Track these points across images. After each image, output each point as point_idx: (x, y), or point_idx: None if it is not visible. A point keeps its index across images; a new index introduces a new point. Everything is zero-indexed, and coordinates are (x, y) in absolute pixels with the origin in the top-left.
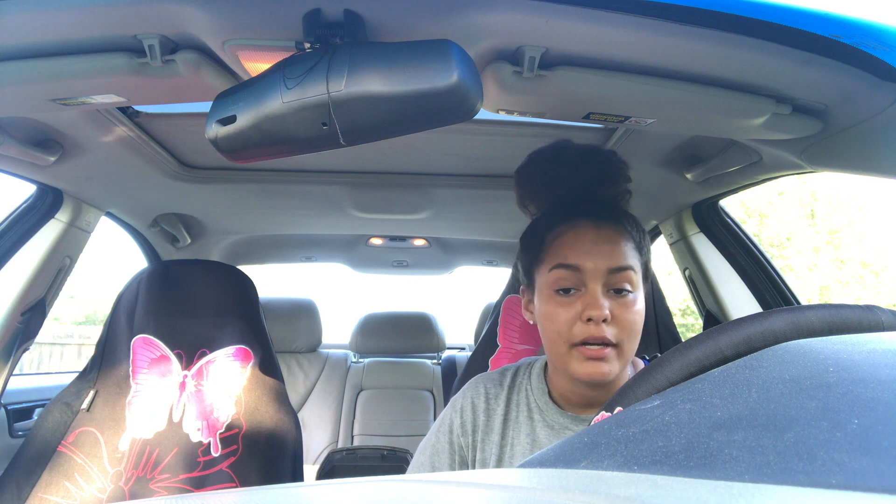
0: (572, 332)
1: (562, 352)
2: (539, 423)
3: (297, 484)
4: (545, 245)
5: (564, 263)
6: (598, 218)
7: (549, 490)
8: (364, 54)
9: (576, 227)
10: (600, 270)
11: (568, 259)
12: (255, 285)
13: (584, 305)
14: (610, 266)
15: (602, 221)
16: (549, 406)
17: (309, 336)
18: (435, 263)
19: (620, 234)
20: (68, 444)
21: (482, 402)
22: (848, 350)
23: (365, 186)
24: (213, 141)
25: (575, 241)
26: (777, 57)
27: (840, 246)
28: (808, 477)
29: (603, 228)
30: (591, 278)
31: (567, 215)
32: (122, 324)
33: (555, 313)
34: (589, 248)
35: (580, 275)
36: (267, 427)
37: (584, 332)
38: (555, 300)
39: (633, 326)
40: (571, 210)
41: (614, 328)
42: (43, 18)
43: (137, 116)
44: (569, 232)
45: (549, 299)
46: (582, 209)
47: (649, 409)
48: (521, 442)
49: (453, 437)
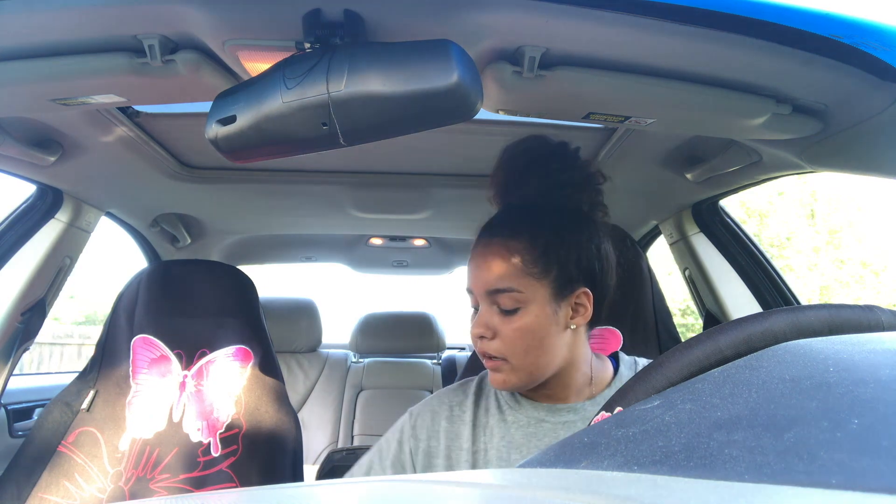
0: (476, 347)
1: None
2: (513, 425)
3: (297, 484)
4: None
5: (467, 286)
6: (492, 234)
7: (549, 490)
8: (364, 54)
9: (475, 247)
10: (482, 291)
11: (467, 282)
12: (255, 285)
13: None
14: (486, 288)
15: (494, 237)
16: (521, 402)
17: (309, 336)
18: (435, 263)
19: (505, 249)
20: (68, 444)
21: (445, 411)
22: (848, 350)
23: (365, 186)
24: (213, 141)
25: (470, 262)
26: (777, 57)
27: (840, 246)
28: (808, 477)
29: (491, 246)
30: (479, 298)
31: (479, 232)
32: (122, 324)
33: (470, 323)
34: (473, 270)
35: (474, 295)
36: (267, 427)
37: (478, 347)
38: (471, 316)
39: (517, 342)
40: (484, 226)
41: (497, 343)
42: (43, 18)
43: (137, 116)
44: (472, 252)
45: (470, 314)
46: (488, 224)
47: (649, 409)
48: (496, 446)
49: (403, 438)
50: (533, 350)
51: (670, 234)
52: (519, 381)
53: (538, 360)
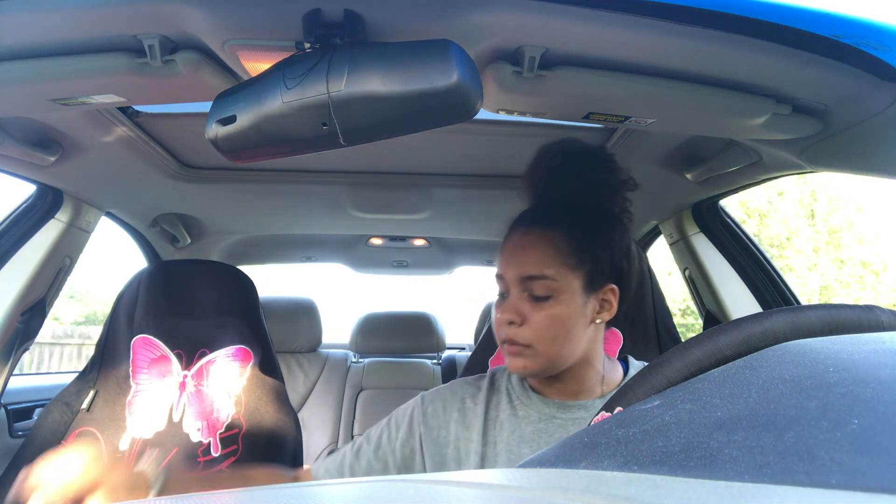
0: (499, 332)
1: (500, 346)
2: (524, 419)
3: (297, 484)
4: (500, 251)
5: (497, 273)
6: (530, 223)
7: (549, 490)
8: (364, 54)
9: (510, 235)
10: (514, 278)
11: (498, 268)
12: (255, 285)
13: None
14: (521, 274)
15: (532, 227)
16: (532, 397)
17: (309, 336)
18: (435, 263)
19: (544, 239)
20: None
21: (457, 402)
22: (848, 350)
23: (365, 186)
24: (213, 141)
25: (504, 249)
26: (777, 57)
27: (840, 246)
28: (808, 477)
29: (527, 235)
30: (511, 284)
31: (514, 222)
32: (122, 324)
33: (494, 315)
34: (508, 257)
35: (505, 282)
36: (267, 427)
37: (503, 332)
38: (496, 302)
39: (545, 330)
40: (519, 216)
41: (526, 330)
42: (43, 18)
43: (137, 116)
44: (505, 240)
45: (495, 301)
46: (524, 214)
47: (649, 409)
48: (505, 440)
49: (414, 423)
50: (559, 339)
51: (670, 234)
52: (538, 368)
53: (561, 350)
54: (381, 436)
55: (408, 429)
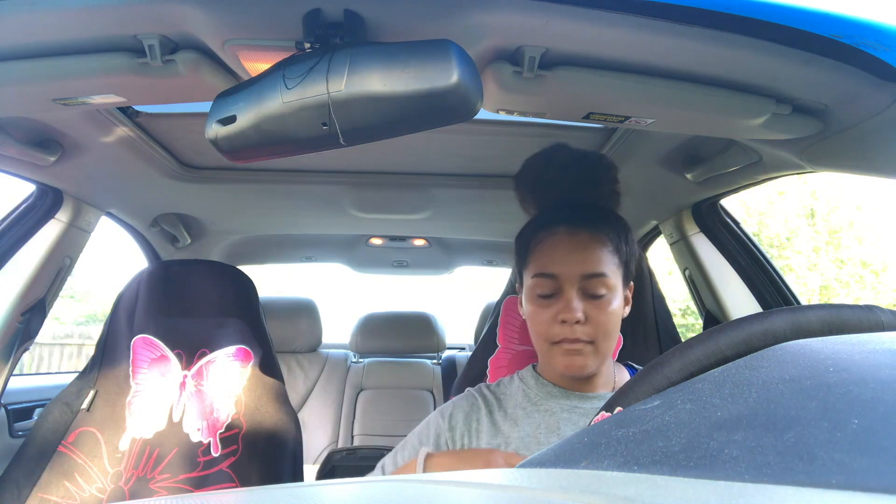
0: (551, 332)
1: (544, 348)
2: (547, 412)
3: (297, 484)
4: (529, 251)
5: (543, 272)
6: (575, 224)
7: (549, 490)
8: (364, 54)
9: (553, 235)
10: (574, 277)
11: (546, 268)
12: (255, 285)
13: (559, 308)
14: (583, 273)
15: (578, 227)
16: (553, 391)
17: (309, 336)
18: (435, 263)
19: (595, 239)
20: (68, 444)
21: (475, 409)
22: (848, 350)
23: (365, 186)
24: (213, 141)
25: (552, 249)
26: (777, 57)
27: (840, 246)
28: (808, 477)
29: (578, 235)
30: (567, 284)
31: (547, 222)
32: (122, 324)
33: (537, 314)
34: (563, 257)
35: (557, 281)
36: (267, 427)
37: (561, 332)
38: (537, 302)
39: (607, 326)
40: (552, 217)
41: (589, 328)
42: (43, 18)
43: (137, 116)
44: (547, 240)
45: (533, 301)
46: (561, 216)
47: (649, 409)
48: (531, 433)
49: (440, 441)
50: (613, 334)
51: (670, 234)
52: (595, 365)
53: (611, 345)
54: (407, 458)
55: (435, 448)
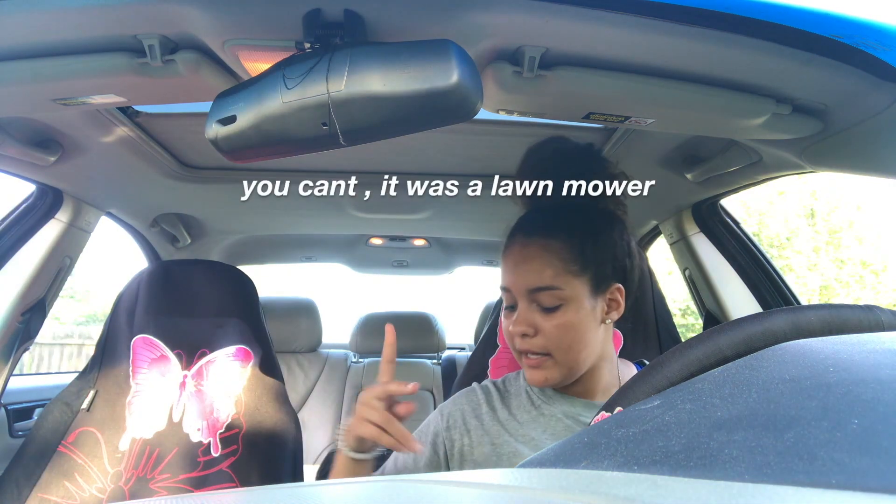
0: (513, 343)
1: (517, 359)
2: (551, 418)
3: (297, 484)
4: (501, 261)
5: (502, 285)
6: (528, 233)
7: (549, 490)
8: (364, 54)
9: (510, 246)
10: (523, 290)
11: (503, 281)
12: (255, 285)
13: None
14: (529, 286)
15: (530, 237)
16: (555, 397)
17: (309, 336)
18: (435, 263)
19: (546, 249)
20: (68, 444)
21: (473, 409)
22: (848, 350)
23: (365, 186)
24: (213, 141)
25: (506, 261)
26: (777, 57)
27: (840, 246)
28: (808, 477)
29: (528, 246)
30: (518, 297)
31: (511, 231)
32: (122, 324)
33: (504, 325)
34: (513, 269)
35: (512, 294)
36: (267, 427)
37: (520, 345)
38: (504, 314)
39: (562, 337)
40: (516, 225)
41: (541, 339)
42: (43, 18)
43: (137, 116)
44: (506, 251)
45: (503, 312)
46: (521, 223)
47: (649, 409)
48: (535, 438)
49: (437, 440)
50: (575, 345)
51: (670, 234)
52: (560, 377)
53: (579, 356)
54: (406, 459)
55: (432, 448)
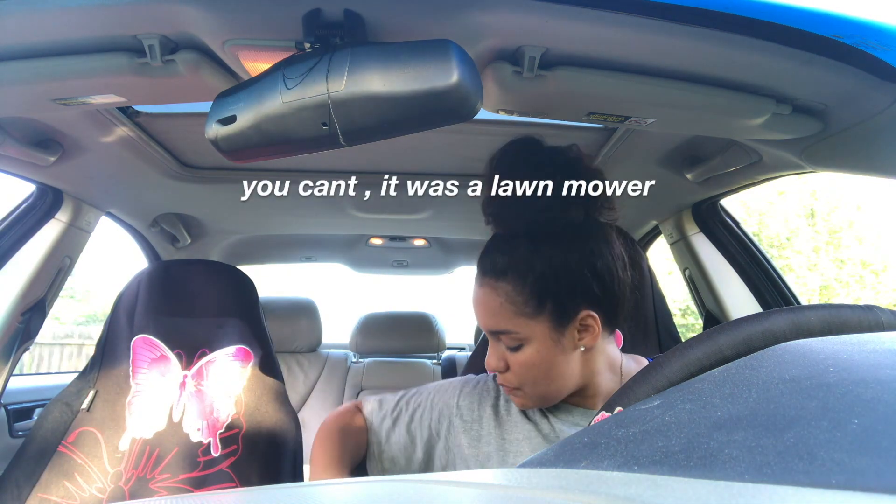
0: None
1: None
2: (556, 424)
3: (297, 484)
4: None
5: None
6: (483, 272)
7: (549, 490)
8: (364, 54)
9: (474, 283)
10: (484, 328)
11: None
12: (255, 285)
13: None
14: (487, 328)
15: (484, 277)
16: (557, 405)
17: (309, 336)
18: (435, 263)
19: (496, 292)
20: (68, 444)
21: (491, 399)
22: (848, 350)
23: (365, 186)
24: (213, 141)
25: (472, 298)
26: (777, 57)
27: (840, 246)
28: (808, 477)
29: (482, 288)
30: (486, 333)
31: (478, 258)
32: (122, 324)
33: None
34: (475, 309)
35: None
36: (267, 427)
37: (496, 377)
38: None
39: (527, 374)
40: (480, 255)
41: (510, 376)
42: (43, 18)
43: (137, 116)
44: (474, 285)
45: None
46: (480, 258)
47: (649, 409)
48: (525, 440)
49: (452, 412)
50: (542, 380)
51: (670, 234)
52: (535, 404)
53: (549, 387)
54: (416, 411)
55: (438, 415)
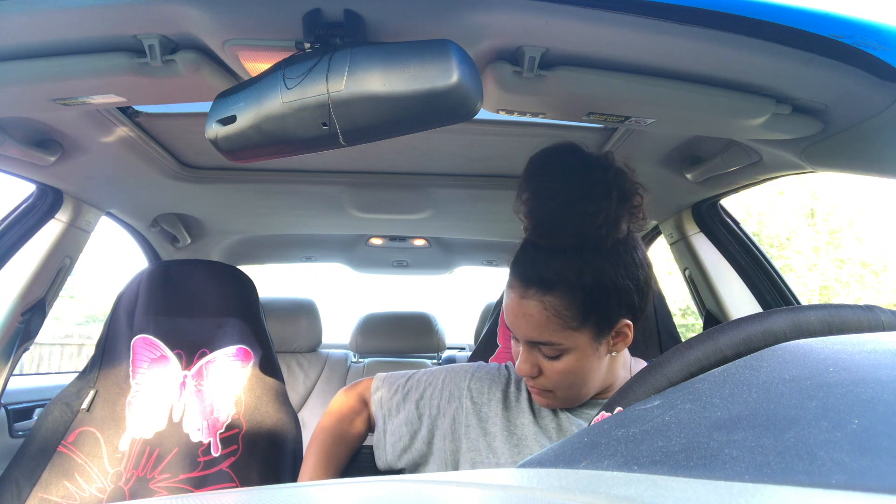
0: (520, 373)
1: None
2: (566, 419)
3: (297, 484)
4: (505, 295)
5: (506, 323)
6: (525, 284)
7: (549, 490)
8: (364, 54)
9: (511, 291)
10: (523, 338)
11: (507, 320)
12: (255, 285)
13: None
14: (528, 339)
15: (529, 289)
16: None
17: (309, 336)
18: (435, 263)
19: (544, 305)
20: (68, 444)
21: (502, 384)
22: (848, 350)
23: (365, 186)
24: (213, 141)
25: (507, 306)
26: (777, 57)
27: (840, 246)
28: (808, 477)
29: (527, 299)
30: (521, 341)
31: (512, 267)
32: (122, 324)
33: (513, 349)
34: (513, 319)
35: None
36: (267, 427)
37: (525, 381)
38: (512, 340)
39: (564, 380)
40: (515, 263)
41: (544, 380)
42: (43, 18)
43: (137, 116)
44: (508, 293)
45: (512, 340)
46: (521, 266)
47: (649, 409)
48: (553, 437)
49: (463, 393)
50: (577, 383)
51: (670, 234)
52: (564, 405)
53: (581, 391)
54: (426, 390)
55: (448, 395)
